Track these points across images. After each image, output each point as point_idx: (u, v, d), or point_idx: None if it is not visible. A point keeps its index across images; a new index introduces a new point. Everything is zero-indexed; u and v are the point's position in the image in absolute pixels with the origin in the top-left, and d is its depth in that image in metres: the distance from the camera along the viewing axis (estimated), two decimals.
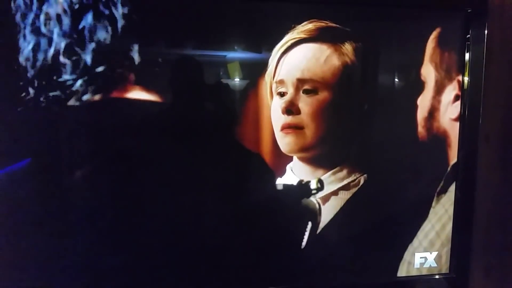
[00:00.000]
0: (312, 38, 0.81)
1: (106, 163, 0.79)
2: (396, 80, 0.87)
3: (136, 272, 0.83)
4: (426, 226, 0.91)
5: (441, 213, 0.91)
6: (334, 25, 0.82)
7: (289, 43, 0.81)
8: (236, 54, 0.81)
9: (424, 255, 0.92)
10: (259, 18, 0.81)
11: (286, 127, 0.83)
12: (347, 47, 0.82)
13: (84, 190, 0.79)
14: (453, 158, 0.90)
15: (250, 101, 0.82)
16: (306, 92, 0.82)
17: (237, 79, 0.82)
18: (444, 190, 0.91)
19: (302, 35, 0.81)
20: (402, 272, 0.92)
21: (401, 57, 0.87)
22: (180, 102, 0.80)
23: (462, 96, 0.88)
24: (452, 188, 0.91)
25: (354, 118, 0.87)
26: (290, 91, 0.82)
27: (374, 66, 0.86)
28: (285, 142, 0.83)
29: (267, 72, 0.82)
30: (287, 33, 0.80)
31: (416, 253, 0.91)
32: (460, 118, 0.89)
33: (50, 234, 0.79)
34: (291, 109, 0.82)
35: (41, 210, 0.78)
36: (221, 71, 0.81)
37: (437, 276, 0.94)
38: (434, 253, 0.92)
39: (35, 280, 0.80)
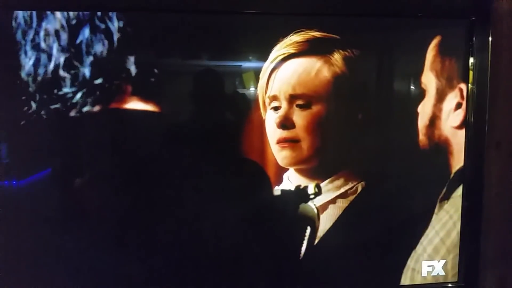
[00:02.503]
0: (301, 52, 0.81)
1: (108, 171, 0.82)
2: (395, 88, 0.87)
3: (136, 273, 0.85)
4: (430, 233, 0.90)
5: (445, 220, 0.90)
6: (322, 34, 0.81)
7: (278, 59, 0.81)
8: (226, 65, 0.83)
9: (432, 263, 0.91)
10: (246, 31, 0.83)
11: (282, 141, 0.83)
12: (336, 57, 0.82)
13: (90, 195, 0.82)
14: (455, 165, 0.89)
15: (245, 111, 0.83)
16: (300, 106, 0.82)
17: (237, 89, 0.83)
18: (447, 197, 0.90)
19: (291, 50, 0.81)
20: (406, 279, 0.91)
21: (400, 65, 0.87)
22: (176, 111, 0.82)
23: (467, 103, 0.87)
24: (456, 194, 0.90)
25: (350, 127, 0.86)
26: (284, 105, 0.82)
27: (369, 75, 0.86)
28: (282, 156, 0.84)
29: (259, 85, 0.82)
30: (276, 45, 0.81)
31: (423, 261, 0.90)
32: (466, 125, 0.87)
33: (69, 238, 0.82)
34: (285, 123, 0.83)
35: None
36: (217, 81, 0.82)
37: (450, 285, 0.92)
38: (442, 261, 0.91)
39: (54, 282, 0.83)
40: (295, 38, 0.81)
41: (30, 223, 0.81)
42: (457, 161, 0.89)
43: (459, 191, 0.90)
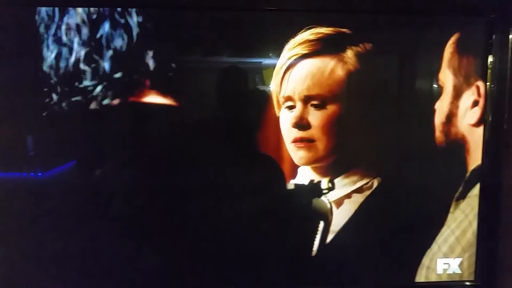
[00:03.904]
0: (314, 52, 0.81)
1: (127, 163, 0.84)
2: (412, 85, 0.87)
3: (154, 266, 0.87)
4: (445, 232, 0.89)
5: (461, 219, 0.89)
6: (334, 30, 0.81)
7: (292, 59, 0.81)
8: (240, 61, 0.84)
9: (448, 261, 0.90)
10: (259, 28, 0.83)
11: (297, 141, 0.83)
12: (349, 54, 0.82)
13: (111, 186, 0.84)
14: (472, 163, 0.88)
15: (261, 108, 0.84)
16: (315, 106, 0.82)
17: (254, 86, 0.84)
18: (463, 196, 0.89)
19: (304, 51, 0.81)
20: (421, 277, 0.91)
21: (418, 62, 0.87)
22: (193, 105, 0.83)
23: (485, 101, 0.86)
24: (472, 193, 0.89)
25: (366, 125, 0.86)
26: (298, 106, 0.83)
27: (384, 72, 0.86)
28: (298, 156, 0.84)
29: (272, 83, 0.83)
30: (288, 42, 0.81)
31: (438, 259, 0.90)
32: (484, 123, 0.87)
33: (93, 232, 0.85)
34: (301, 124, 0.83)
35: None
36: (234, 76, 0.83)
37: (467, 283, 0.92)
38: (458, 259, 0.90)
39: (77, 276, 0.86)
40: (307, 36, 0.81)
41: (55, 214, 0.83)
42: (474, 159, 0.88)
43: (476, 190, 0.89)
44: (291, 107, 0.83)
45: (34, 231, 0.84)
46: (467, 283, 0.92)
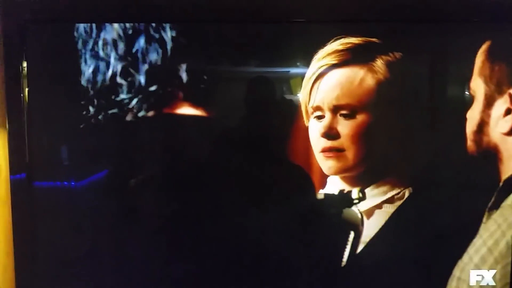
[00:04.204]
0: (343, 62, 0.82)
1: (160, 174, 0.86)
2: (443, 93, 0.86)
3: (185, 272, 0.89)
4: (477, 242, 0.88)
5: (494, 229, 0.88)
6: (363, 40, 0.82)
7: (321, 70, 0.82)
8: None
9: (481, 272, 0.88)
10: (287, 39, 0.85)
11: (326, 150, 0.84)
12: (379, 64, 0.82)
13: (144, 197, 0.86)
14: (505, 173, 0.87)
15: (290, 117, 0.85)
16: (344, 116, 0.83)
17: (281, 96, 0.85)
18: (496, 206, 0.87)
19: (333, 61, 0.82)
20: None
21: (448, 71, 0.86)
22: (225, 116, 0.85)
23: None
24: (505, 203, 0.87)
25: (396, 134, 0.86)
26: (328, 115, 0.83)
27: (414, 81, 0.86)
28: (327, 165, 0.84)
29: (301, 93, 0.84)
30: (317, 52, 0.82)
31: (471, 271, 0.88)
32: None
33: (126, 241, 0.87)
34: (330, 133, 0.83)
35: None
36: (263, 87, 0.85)
37: None
38: (492, 271, 0.89)
39: (108, 283, 0.88)
40: (336, 46, 0.81)
41: (88, 223, 0.86)
42: (507, 169, 0.86)
43: (509, 200, 0.87)
44: (320, 117, 0.83)
45: (67, 240, 0.86)
46: None
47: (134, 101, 0.80)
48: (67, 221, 0.85)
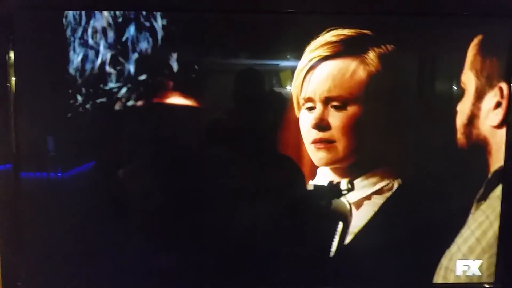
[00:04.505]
0: (335, 54, 0.82)
1: (148, 164, 0.86)
2: (434, 86, 0.86)
3: (173, 266, 0.89)
4: (465, 232, 0.89)
5: (482, 220, 0.89)
6: (356, 32, 0.81)
7: (313, 61, 0.82)
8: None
9: (467, 262, 0.90)
10: (280, 30, 0.84)
11: (317, 142, 0.84)
12: (371, 56, 0.82)
13: (132, 187, 0.86)
14: (493, 165, 0.88)
15: (280, 109, 0.85)
16: (335, 107, 0.83)
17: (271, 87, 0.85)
18: (484, 197, 0.88)
19: (325, 53, 0.81)
20: (439, 277, 0.91)
21: (440, 64, 0.86)
22: (215, 106, 0.85)
23: (509, 102, 0.85)
24: (493, 195, 0.88)
25: (387, 126, 0.86)
26: (319, 107, 0.83)
27: (406, 73, 0.86)
28: (317, 157, 0.85)
29: (293, 85, 0.83)
30: (309, 44, 0.81)
31: (458, 261, 0.90)
32: (507, 124, 0.86)
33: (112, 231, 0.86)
34: (321, 125, 0.83)
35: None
36: (255, 79, 0.84)
37: (486, 286, 0.91)
38: (478, 261, 0.90)
39: (94, 275, 0.88)
40: (329, 38, 0.81)
41: (74, 215, 0.85)
42: (496, 161, 0.87)
43: (497, 191, 0.88)
44: (311, 108, 0.83)
45: (53, 231, 0.86)
46: (486, 286, 0.91)
47: (123, 90, 0.79)
48: (54, 213, 0.85)
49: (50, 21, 0.79)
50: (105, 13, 0.78)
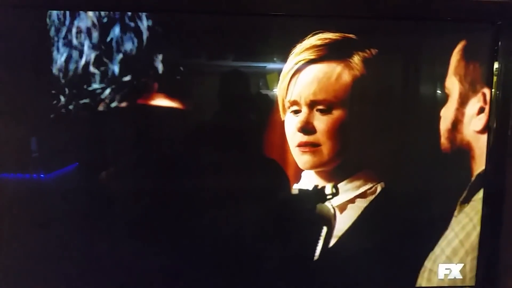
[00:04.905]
0: (320, 57, 0.82)
1: (133, 166, 0.85)
2: (418, 91, 0.87)
3: (154, 269, 0.88)
4: (449, 235, 0.90)
5: (465, 222, 0.90)
6: (340, 36, 0.82)
7: (298, 65, 0.82)
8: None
9: (449, 266, 0.91)
10: (265, 33, 0.84)
11: (302, 145, 0.84)
12: (356, 60, 0.82)
13: (115, 190, 0.85)
14: (477, 169, 0.89)
15: (266, 112, 0.85)
16: (321, 111, 0.83)
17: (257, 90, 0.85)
18: (467, 200, 0.89)
19: (311, 56, 0.81)
20: (423, 280, 0.91)
21: (424, 69, 0.87)
22: (200, 108, 0.84)
23: (490, 108, 0.86)
24: (476, 197, 0.89)
25: (371, 130, 0.87)
26: (304, 110, 0.83)
27: (390, 78, 0.86)
28: (303, 160, 0.85)
29: (278, 87, 0.83)
30: (295, 47, 0.82)
31: (440, 264, 0.90)
32: (488, 129, 0.87)
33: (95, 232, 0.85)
34: (306, 128, 0.83)
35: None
36: (240, 81, 0.84)
37: None
38: (460, 265, 0.91)
39: (78, 278, 0.87)
40: (314, 42, 0.81)
41: (56, 217, 0.84)
42: (479, 165, 0.88)
43: (480, 194, 0.89)
44: (296, 112, 0.84)
45: (34, 233, 0.84)
46: None
47: (107, 91, 0.78)
48: (35, 215, 0.84)
49: (33, 20, 0.78)
50: (90, 13, 0.77)
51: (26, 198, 0.83)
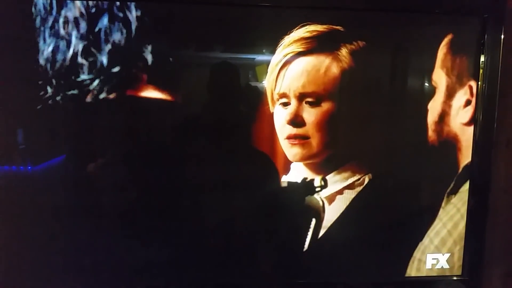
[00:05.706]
0: (309, 50, 0.82)
1: (122, 158, 0.84)
2: (406, 84, 0.88)
3: (143, 262, 0.88)
4: (437, 225, 0.91)
5: (453, 213, 0.91)
6: (328, 28, 0.82)
7: (287, 57, 0.82)
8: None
9: (436, 256, 0.92)
10: (253, 24, 0.84)
11: (291, 138, 0.84)
12: (344, 52, 0.83)
13: (104, 182, 0.84)
14: (464, 160, 0.90)
15: (255, 104, 0.85)
16: (310, 103, 0.83)
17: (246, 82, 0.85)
18: (454, 191, 0.91)
19: (299, 49, 0.82)
20: (412, 269, 0.92)
21: (411, 62, 0.88)
22: (190, 100, 0.84)
23: (477, 100, 0.87)
24: (464, 188, 0.91)
25: (360, 122, 0.88)
26: (293, 102, 0.83)
27: (378, 70, 0.87)
28: (292, 152, 0.85)
29: (267, 79, 0.83)
30: (283, 39, 0.82)
31: (428, 254, 0.92)
32: (474, 122, 0.88)
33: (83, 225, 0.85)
34: (295, 121, 0.84)
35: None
36: (229, 72, 0.84)
37: (454, 278, 0.94)
38: (447, 255, 0.92)
39: (66, 272, 0.86)
40: (303, 34, 0.81)
41: (44, 209, 0.83)
42: (466, 156, 0.90)
43: (467, 185, 0.91)
44: (285, 104, 0.84)
45: (23, 225, 0.84)
46: (455, 278, 0.94)
47: (96, 82, 0.77)
48: (22, 208, 0.83)
49: (19, 9, 0.77)
50: (77, 2, 0.76)
51: (14, 191, 0.82)
